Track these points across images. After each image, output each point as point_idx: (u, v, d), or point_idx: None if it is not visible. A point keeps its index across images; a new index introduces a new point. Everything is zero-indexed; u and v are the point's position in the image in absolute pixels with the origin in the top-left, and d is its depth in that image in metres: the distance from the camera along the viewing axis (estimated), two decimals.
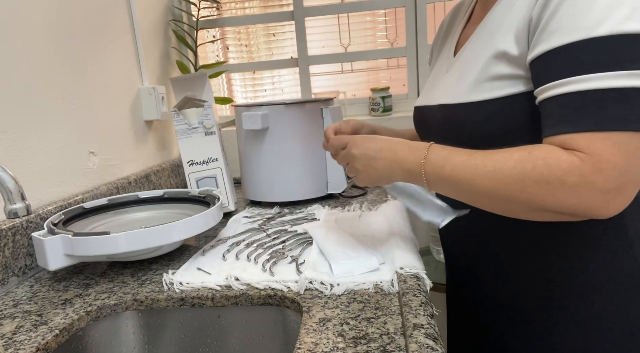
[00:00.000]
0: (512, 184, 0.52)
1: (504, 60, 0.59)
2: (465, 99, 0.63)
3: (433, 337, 0.50)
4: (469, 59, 0.66)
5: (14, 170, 0.80)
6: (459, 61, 0.69)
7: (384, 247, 0.76)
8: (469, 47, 0.67)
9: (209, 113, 1.06)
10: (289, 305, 0.64)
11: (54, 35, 0.92)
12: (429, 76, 0.84)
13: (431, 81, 0.79)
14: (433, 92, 0.74)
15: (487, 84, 0.60)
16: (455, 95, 0.65)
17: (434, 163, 0.59)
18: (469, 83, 0.63)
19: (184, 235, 0.76)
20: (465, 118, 0.63)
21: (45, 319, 0.63)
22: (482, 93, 0.61)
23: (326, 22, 1.59)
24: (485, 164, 0.54)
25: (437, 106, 0.70)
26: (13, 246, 0.76)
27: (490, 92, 0.60)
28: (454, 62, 0.70)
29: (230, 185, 1.09)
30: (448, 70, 0.72)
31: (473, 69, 0.63)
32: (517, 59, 0.57)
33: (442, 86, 0.71)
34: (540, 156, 0.51)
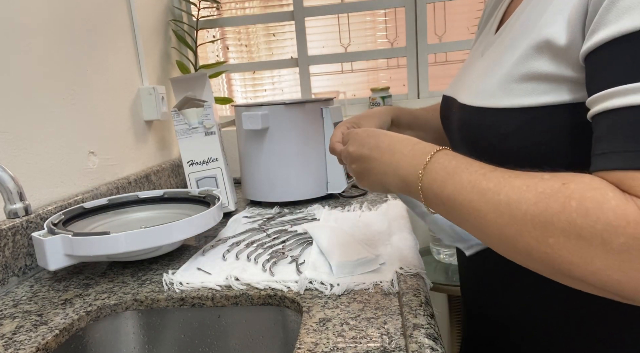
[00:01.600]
0: (527, 228, 0.36)
1: (547, 52, 0.42)
2: (488, 102, 0.48)
3: (433, 337, 0.50)
4: (506, 43, 0.49)
5: (14, 170, 0.80)
6: (497, 43, 0.53)
7: (384, 247, 0.76)
8: (510, 25, 0.50)
9: (209, 113, 1.06)
10: (289, 305, 0.64)
11: (54, 35, 0.92)
12: None
13: (465, 65, 0.63)
14: (463, 80, 0.58)
15: (520, 86, 0.45)
16: (477, 95, 0.51)
17: (434, 177, 0.45)
18: (497, 80, 0.48)
19: (184, 235, 0.76)
20: (486, 127, 0.48)
21: (45, 319, 0.63)
22: (512, 97, 0.45)
23: (326, 22, 1.59)
24: (499, 190, 0.39)
25: (458, 103, 0.56)
26: (13, 246, 0.76)
27: (523, 98, 0.44)
28: (493, 43, 0.54)
29: (230, 185, 1.09)
30: (484, 53, 0.55)
31: (507, 58, 0.47)
32: (564, 51, 0.41)
33: (471, 74, 0.56)
34: (577, 192, 0.34)
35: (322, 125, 1.11)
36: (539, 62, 0.43)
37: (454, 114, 0.57)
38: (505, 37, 0.51)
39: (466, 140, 0.54)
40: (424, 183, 0.46)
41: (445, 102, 0.64)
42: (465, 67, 0.63)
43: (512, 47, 0.47)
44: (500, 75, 0.48)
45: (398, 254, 0.72)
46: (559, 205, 0.35)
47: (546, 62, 0.43)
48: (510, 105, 0.46)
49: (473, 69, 0.57)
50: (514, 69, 0.46)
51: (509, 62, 0.47)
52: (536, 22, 0.45)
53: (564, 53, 0.41)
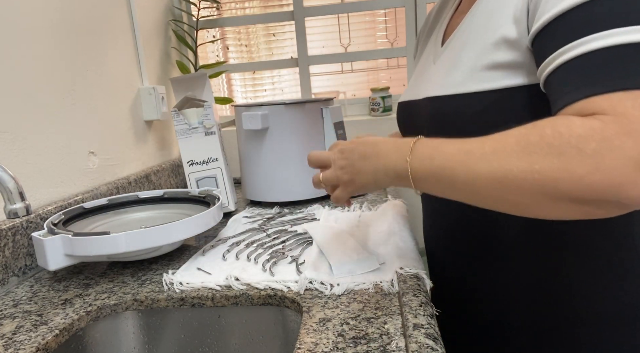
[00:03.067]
0: (515, 163, 0.42)
1: (503, 46, 0.53)
2: (458, 89, 0.57)
3: (433, 337, 0.50)
4: (460, 47, 0.60)
5: (14, 170, 0.80)
6: (448, 50, 0.64)
7: (384, 247, 0.76)
8: (459, 35, 0.62)
9: (209, 113, 1.06)
10: (289, 305, 0.64)
11: (54, 35, 0.92)
12: (414, 70, 0.78)
13: (417, 74, 0.73)
14: (419, 86, 0.68)
15: (484, 73, 0.55)
16: (447, 86, 0.59)
17: (422, 155, 0.50)
18: (462, 72, 0.58)
19: (184, 235, 0.76)
20: (458, 110, 0.58)
21: (45, 319, 0.63)
22: (478, 83, 0.55)
23: (326, 22, 1.59)
24: (482, 145, 0.45)
25: (426, 99, 0.64)
26: (13, 246, 0.76)
27: (488, 82, 0.55)
28: (442, 52, 0.65)
29: (230, 185, 1.09)
30: (435, 61, 0.66)
31: (466, 57, 0.58)
32: (516, 42, 0.52)
33: (429, 78, 0.66)
34: (548, 125, 0.42)
35: (322, 125, 1.11)
36: (497, 54, 0.54)
37: (419, 113, 0.67)
38: (455, 44, 0.62)
39: (438, 127, 0.61)
40: (413, 165, 0.51)
41: (405, 107, 0.73)
42: (418, 75, 0.73)
43: (466, 48, 0.58)
44: (463, 69, 0.58)
45: (398, 254, 0.72)
46: (536, 136, 0.42)
47: (503, 54, 0.53)
48: (477, 89, 0.55)
49: (430, 73, 0.67)
50: (476, 62, 0.56)
51: (469, 57, 0.57)
52: (486, 27, 0.56)
53: (516, 44, 0.52)
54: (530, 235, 0.59)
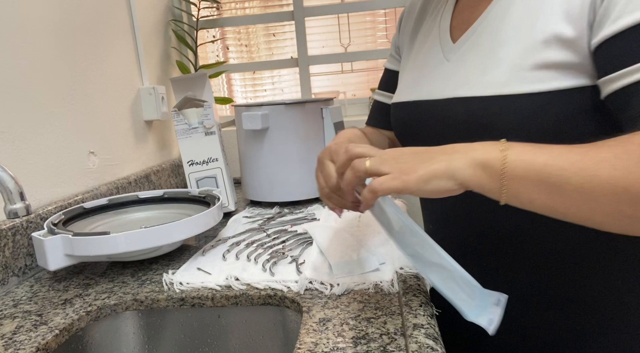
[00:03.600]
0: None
1: (555, 45, 0.50)
2: (501, 90, 0.53)
3: (433, 337, 0.50)
4: (491, 45, 0.56)
5: (14, 170, 0.80)
6: (469, 48, 0.59)
7: (383, 247, 0.76)
8: (483, 31, 0.57)
9: (209, 113, 1.06)
10: (289, 305, 0.64)
11: (54, 35, 0.92)
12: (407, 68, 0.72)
13: (421, 72, 0.67)
14: (432, 84, 0.63)
15: (532, 73, 0.51)
16: (484, 86, 0.54)
17: (521, 150, 0.44)
18: (503, 72, 0.53)
19: (184, 235, 0.76)
20: (500, 113, 0.52)
21: (45, 319, 0.63)
22: (527, 84, 0.51)
23: (326, 22, 1.59)
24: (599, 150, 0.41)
25: (452, 100, 0.58)
26: (13, 246, 0.76)
27: (538, 83, 0.50)
28: (458, 49, 0.61)
29: (230, 185, 1.09)
30: (449, 59, 0.62)
31: (504, 55, 0.54)
32: (572, 42, 0.49)
33: (449, 76, 0.60)
34: None
35: (322, 125, 1.11)
36: (549, 53, 0.50)
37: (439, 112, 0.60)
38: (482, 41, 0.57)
39: (475, 131, 0.54)
40: (510, 157, 0.43)
41: (412, 109, 0.65)
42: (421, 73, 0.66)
43: (504, 45, 0.54)
44: (506, 67, 0.53)
45: (398, 254, 0.72)
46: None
47: (556, 52, 0.49)
48: (526, 90, 0.51)
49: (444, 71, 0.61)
50: (522, 60, 0.52)
51: (510, 56, 0.53)
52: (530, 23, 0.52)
53: (571, 44, 0.49)
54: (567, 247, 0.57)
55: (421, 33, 0.70)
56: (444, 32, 0.65)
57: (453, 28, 0.64)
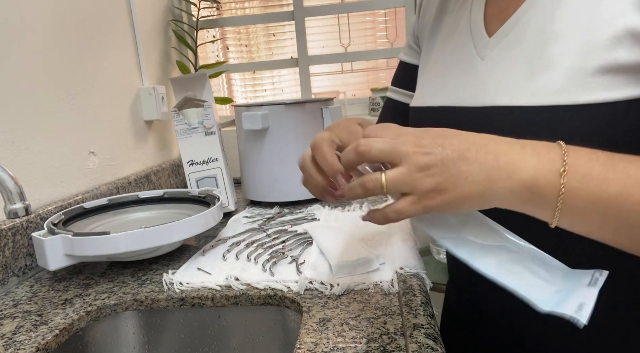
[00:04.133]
0: None
1: (627, 41, 0.40)
2: (556, 100, 0.43)
3: (433, 337, 0.50)
4: (539, 41, 0.46)
5: (14, 170, 0.80)
6: (508, 44, 0.49)
7: (384, 247, 0.76)
8: (529, 24, 0.47)
9: (209, 113, 1.06)
10: (289, 305, 0.64)
11: (54, 35, 0.92)
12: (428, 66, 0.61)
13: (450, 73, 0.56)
14: (465, 88, 0.52)
15: (596, 79, 0.41)
16: (533, 93, 0.44)
17: (586, 173, 0.34)
18: (558, 76, 0.43)
19: (184, 235, 0.76)
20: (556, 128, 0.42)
21: (45, 319, 0.63)
22: (588, 92, 0.41)
23: (326, 22, 1.59)
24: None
25: (491, 108, 0.48)
26: (13, 246, 0.76)
27: (603, 92, 0.41)
28: (495, 45, 0.50)
29: (230, 185, 1.09)
30: (485, 57, 0.51)
31: (558, 54, 0.44)
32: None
33: (483, 79, 0.50)
34: None
35: (322, 125, 1.11)
36: (618, 53, 0.40)
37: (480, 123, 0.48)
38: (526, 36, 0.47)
39: None
40: (571, 184, 0.34)
41: (439, 116, 0.55)
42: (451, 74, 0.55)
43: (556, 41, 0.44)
44: (562, 70, 0.43)
45: (398, 254, 0.72)
46: None
47: (626, 52, 0.40)
48: (590, 100, 0.41)
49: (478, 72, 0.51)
50: (583, 62, 0.42)
51: (566, 55, 0.43)
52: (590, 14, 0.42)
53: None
54: None
55: (445, 23, 0.59)
56: (476, 24, 0.53)
57: (488, 18, 0.53)
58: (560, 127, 0.41)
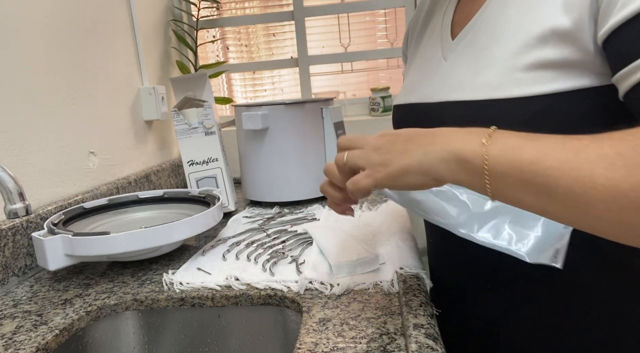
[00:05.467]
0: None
1: (552, 40, 0.44)
2: (493, 94, 0.48)
3: (433, 337, 0.50)
4: (486, 42, 0.51)
5: (14, 170, 0.80)
6: (465, 45, 0.55)
7: (384, 247, 0.76)
8: (480, 27, 0.53)
9: (209, 113, 1.06)
10: (289, 305, 0.64)
11: (54, 35, 0.92)
12: (411, 68, 0.68)
13: (420, 72, 0.63)
14: (430, 86, 0.59)
15: (526, 75, 0.46)
16: (477, 89, 0.50)
17: (505, 143, 0.38)
18: (497, 73, 0.48)
19: (184, 235, 0.76)
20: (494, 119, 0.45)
21: (45, 319, 0.63)
22: (522, 86, 0.46)
23: (326, 22, 1.59)
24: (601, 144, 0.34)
25: (446, 103, 0.55)
26: (13, 246, 0.76)
27: (532, 86, 0.46)
28: (455, 47, 0.56)
29: (230, 185, 1.09)
30: (447, 58, 0.57)
31: (499, 54, 0.49)
32: (570, 35, 0.43)
33: (444, 77, 0.57)
34: None
35: (322, 125, 1.11)
36: (544, 51, 0.45)
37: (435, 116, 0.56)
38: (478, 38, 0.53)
39: None
40: (491, 151, 0.38)
41: (410, 111, 0.62)
42: (421, 73, 0.61)
43: (498, 42, 0.49)
44: (500, 68, 0.48)
45: (398, 254, 0.72)
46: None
47: (552, 50, 0.44)
48: (521, 94, 0.46)
49: (441, 72, 0.57)
50: (516, 59, 0.47)
51: (504, 54, 0.48)
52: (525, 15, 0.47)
53: (570, 37, 0.43)
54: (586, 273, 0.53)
55: (427, 31, 0.66)
56: (445, 29, 0.60)
57: (454, 24, 0.59)
58: (498, 118, 0.45)
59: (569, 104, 0.45)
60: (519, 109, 0.46)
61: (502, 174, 0.37)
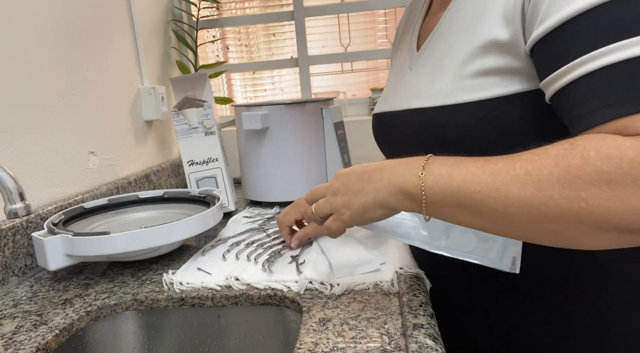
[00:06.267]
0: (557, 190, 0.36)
1: (493, 50, 0.48)
2: (445, 100, 0.52)
3: (433, 337, 0.50)
4: (441, 53, 0.55)
5: (14, 170, 0.80)
6: (425, 56, 0.59)
7: (384, 247, 0.76)
8: (436, 39, 0.57)
9: (209, 113, 1.06)
10: (289, 305, 0.64)
11: (54, 35, 0.92)
12: (388, 79, 0.73)
13: (392, 82, 0.67)
14: (397, 95, 0.63)
15: (473, 81, 0.50)
16: (431, 97, 0.54)
17: (437, 173, 0.43)
18: (447, 81, 0.52)
19: (184, 235, 0.76)
20: (447, 124, 0.52)
21: (45, 319, 0.63)
22: (468, 92, 0.50)
23: (326, 22, 1.59)
24: (512, 166, 0.39)
25: (407, 111, 0.59)
26: (13, 246, 0.76)
27: (478, 92, 0.50)
28: (418, 58, 0.60)
29: (230, 185, 1.09)
30: (412, 68, 0.61)
31: (449, 64, 0.53)
32: (508, 46, 0.47)
33: (407, 87, 0.61)
34: (590, 146, 0.36)
35: (322, 125, 1.11)
36: (487, 60, 0.49)
37: (400, 125, 0.61)
38: (434, 49, 0.57)
39: (424, 143, 0.56)
40: (427, 182, 0.44)
41: (381, 119, 0.67)
42: (394, 83, 0.66)
43: (449, 53, 0.53)
44: (449, 77, 0.52)
45: (398, 254, 0.72)
46: (579, 159, 0.36)
47: (493, 59, 0.48)
48: (467, 99, 0.50)
49: (407, 81, 0.61)
50: (462, 69, 0.51)
51: (453, 64, 0.52)
52: (471, 28, 0.51)
53: (508, 47, 0.47)
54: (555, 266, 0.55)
55: (402, 42, 0.70)
56: (413, 41, 0.64)
57: (420, 36, 0.63)
58: (450, 122, 0.51)
59: (510, 106, 0.49)
60: (467, 113, 0.50)
61: (438, 201, 0.44)
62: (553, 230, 0.38)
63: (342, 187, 0.51)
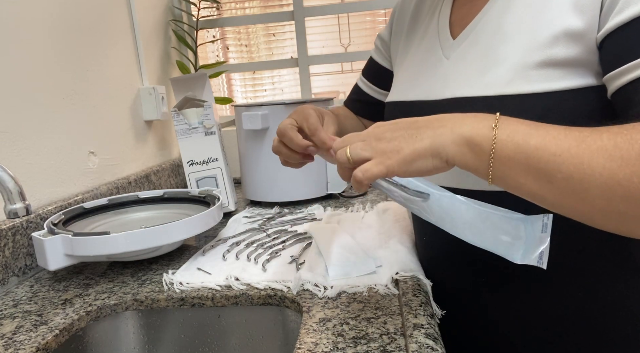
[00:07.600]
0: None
1: (563, 40, 0.46)
2: (504, 90, 0.49)
3: (433, 337, 0.50)
4: (492, 41, 0.53)
5: (14, 170, 0.80)
6: (468, 45, 0.56)
7: (382, 250, 0.76)
8: (484, 27, 0.55)
9: (209, 113, 1.06)
10: (289, 305, 0.64)
11: (54, 35, 0.92)
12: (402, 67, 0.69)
13: (417, 71, 0.64)
14: (431, 84, 0.60)
15: (537, 72, 0.48)
16: (487, 86, 0.51)
17: (514, 129, 0.40)
18: (507, 70, 0.50)
19: (184, 235, 0.76)
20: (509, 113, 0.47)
21: (45, 319, 0.63)
22: (531, 83, 0.48)
23: (326, 22, 1.59)
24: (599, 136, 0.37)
25: (450, 100, 0.56)
26: (13, 246, 0.76)
27: (543, 82, 0.47)
28: (458, 46, 0.58)
29: (230, 185, 1.09)
30: (449, 56, 0.59)
31: (509, 52, 0.50)
32: (581, 35, 0.45)
33: (446, 75, 0.58)
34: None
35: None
36: (556, 50, 0.47)
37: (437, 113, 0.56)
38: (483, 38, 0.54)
39: None
40: (500, 136, 0.40)
41: (407, 108, 0.62)
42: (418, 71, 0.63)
43: (506, 41, 0.51)
44: (508, 65, 0.50)
45: (396, 258, 0.71)
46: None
47: (564, 48, 0.46)
48: (531, 90, 0.48)
49: (443, 70, 0.58)
50: (526, 58, 0.48)
51: (514, 53, 0.50)
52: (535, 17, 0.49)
53: (580, 38, 0.45)
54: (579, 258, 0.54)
55: (419, 30, 0.68)
56: (443, 29, 0.61)
57: (452, 24, 0.61)
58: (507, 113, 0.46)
59: (575, 101, 0.47)
60: (527, 104, 0.48)
61: (508, 158, 0.40)
62: (624, 211, 0.36)
63: (388, 132, 0.45)
